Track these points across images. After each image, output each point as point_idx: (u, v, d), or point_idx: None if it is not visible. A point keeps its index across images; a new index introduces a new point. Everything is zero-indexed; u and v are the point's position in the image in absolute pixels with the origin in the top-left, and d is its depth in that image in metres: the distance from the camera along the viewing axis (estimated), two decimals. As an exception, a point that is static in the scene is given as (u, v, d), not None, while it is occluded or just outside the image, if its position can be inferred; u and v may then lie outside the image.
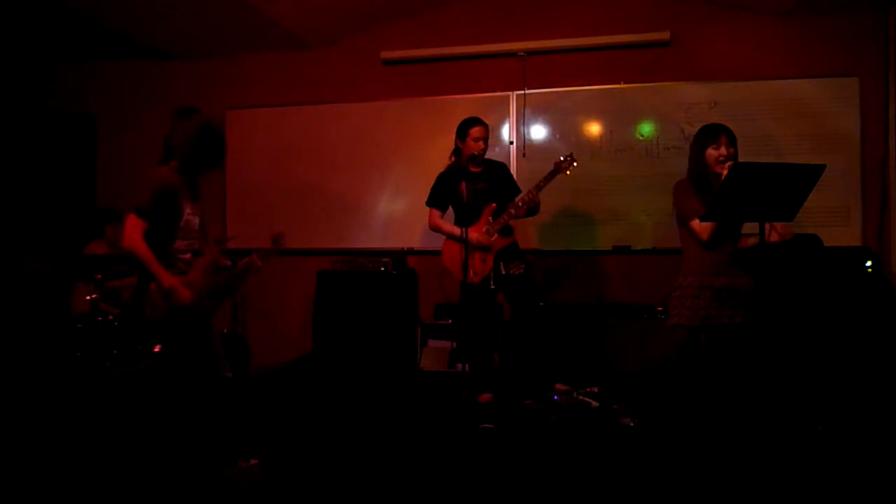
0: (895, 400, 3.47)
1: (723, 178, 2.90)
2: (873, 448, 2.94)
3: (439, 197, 3.96)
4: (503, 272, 3.78)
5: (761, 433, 2.96)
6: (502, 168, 4.03)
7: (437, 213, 3.98)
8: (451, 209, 3.98)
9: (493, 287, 3.78)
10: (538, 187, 3.70)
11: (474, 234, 3.72)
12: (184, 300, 2.64)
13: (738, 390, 3.19)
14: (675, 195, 3.13)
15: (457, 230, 3.77)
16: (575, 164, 3.73)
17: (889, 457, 2.84)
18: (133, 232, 2.60)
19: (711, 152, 3.01)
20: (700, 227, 2.99)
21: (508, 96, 4.96)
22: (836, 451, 2.89)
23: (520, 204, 3.70)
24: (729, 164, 2.92)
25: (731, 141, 3.01)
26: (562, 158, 3.72)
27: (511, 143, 4.94)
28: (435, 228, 3.99)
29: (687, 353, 3.11)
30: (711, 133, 3.03)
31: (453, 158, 3.88)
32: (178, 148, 2.72)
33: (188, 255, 2.77)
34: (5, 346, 4.22)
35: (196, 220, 2.81)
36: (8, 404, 3.63)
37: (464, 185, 3.67)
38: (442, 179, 3.95)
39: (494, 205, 3.79)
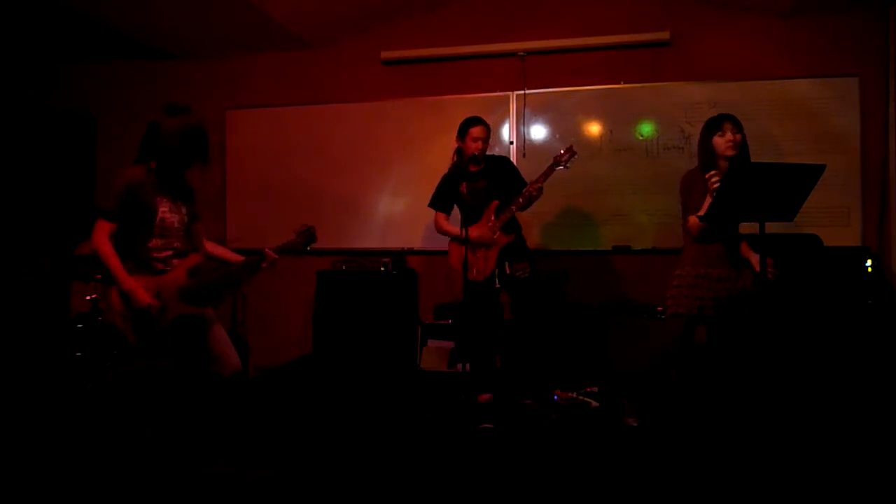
0: (895, 400, 3.48)
1: (726, 158, 2.98)
2: (873, 448, 2.94)
3: (442, 199, 3.97)
4: (508, 272, 3.77)
5: (761, 434, 2.97)
6: (504, 162, 4.02)
7: (442, 216, 3.99)
8: (456, 209, 3.98)
9: (497, 286, 3.78)
10: (538, 182, 3.68)
11: (475, 232, 3.73)
12: (140, 303, 2.61)
13: (739, 390, 3.19)
14: (681, 187, 3.18)
15: (457, 231, 3.77)
16: (575, 156, 3.70)
17: (889, 457, 2.84)
18: (96, 233, 2.61)
19: (718, 140, 3.04)
20: (693, 223, 3.05)
21: (508, 96, 4.96)
22: (835, 452, 2.89)
23: (520, 200, 3.69)
24: (731, 148, 2.99)
25: (737, 127, 3.04)
26: (561, 152, 3.69)
27: (511, 143, 4.94)
28: (441, 232, 4.00)
29: (685, 343, 3.13)
30: (715, 123, 3.07)
31: (456, 158, 3.88)
32: (156, 147, 2.69)
33: (167, 253, 2.75)
34: (5, 346, 4.22)
35: (175, 219, 2.77)
36: (8, 404, 3.63)
37: (464, 185, 3.67)
38: (445, 181, 3.95)
39: (496, 202, 3.79)
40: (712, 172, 2.97)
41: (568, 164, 3.69)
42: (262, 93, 5.46)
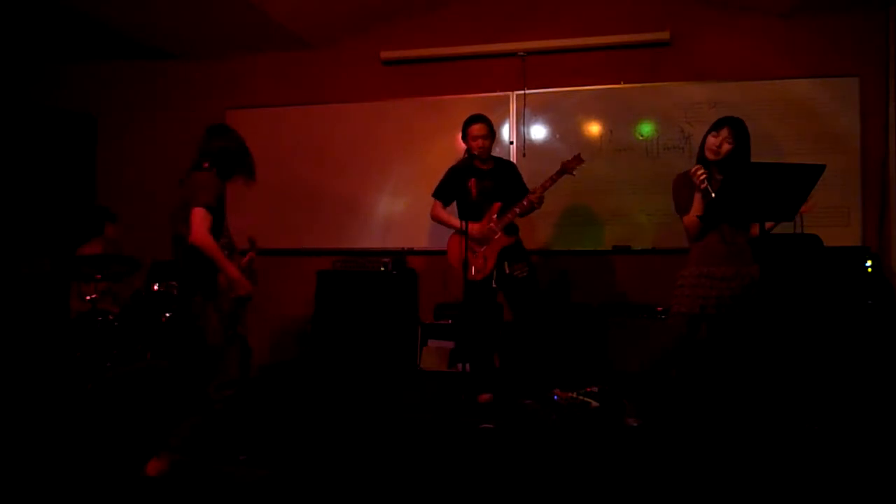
0: (895, 400, 3.48)
1: (698, 186, 2.96)
2: (873, 448, 2.94)
3: (446, 190, 3.99)
4: (507, 272, 3.78)
5: (761, 434, 2.97)
6: (511, 167, 4.05)
7: (439, 204, 4.01)
8: (454, 204, 3.99)
9: (494, 286, 3.79)
10: (544, 187, 3.72)
11: (476, 230, 3.74)
12: (246, 290, 2.81)
13: (739, 390, 3.19)
14: (673, 188, 3.21)
15: (457, 222, 3.81)
16: (582, 164, 3.76)
17: (889, 457, 2.84)
18: (202, 227, 2.70)
19: (710, 139, 3.07)
20: (690, 222, 3.08)
21: (508, 96, 4.96)
22: (835, 451, 2.89)
23: (525, 203, 3.72)
24: (702, 176, 2.96)
25: (737, 136, 3.02)
26: (570, 159, 3.75)
27: (511, 143, 4.94)
28: (436, 219, 4.03)
29: (685, 342, 3.12)
30: (717, 123, 3.08)
31: (466, 154, 3.90)
32: (220, 157, 2.88)
33: (226, 252, 2.90)
34: (5, 346, 4.22)
35: (228, 220, 2.97)
36: (8, 404, 3.63)
37: (473, 181, 3.68)
38: (452, 173, 3.96)
39: (499, 203, 3.80)
40: (697, 167, 2.99)
41: (575, 172, 3.75)
42: (262, 93, 5.46)
